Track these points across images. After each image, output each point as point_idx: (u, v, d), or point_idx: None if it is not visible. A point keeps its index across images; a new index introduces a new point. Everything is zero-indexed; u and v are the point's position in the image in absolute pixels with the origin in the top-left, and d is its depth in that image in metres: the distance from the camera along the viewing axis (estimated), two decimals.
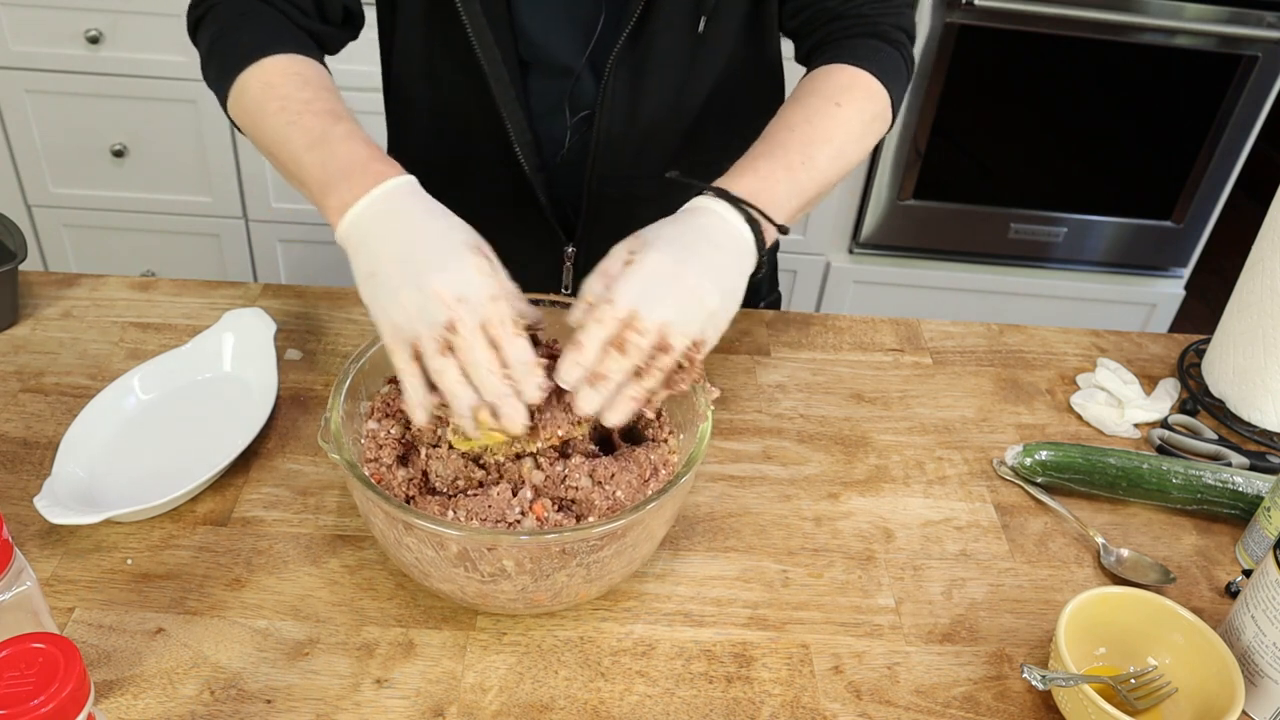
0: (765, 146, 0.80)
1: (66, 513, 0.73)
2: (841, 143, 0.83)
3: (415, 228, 0.69)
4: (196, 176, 2.03)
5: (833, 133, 0.82)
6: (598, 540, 0.65)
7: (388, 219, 0.70)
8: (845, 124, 0.84)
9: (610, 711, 0.68)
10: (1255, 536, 0.82)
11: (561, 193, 1.01)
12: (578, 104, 0.96)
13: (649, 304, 0.66)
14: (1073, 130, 2.06)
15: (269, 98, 0.79)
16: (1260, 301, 0.94)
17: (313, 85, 0.80)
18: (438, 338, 0.65)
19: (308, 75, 0.81)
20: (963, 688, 0.71)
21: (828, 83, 0.86)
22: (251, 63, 0.81)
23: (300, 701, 0.67)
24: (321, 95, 0.79)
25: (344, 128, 0.75)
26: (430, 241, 0.68)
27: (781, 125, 0.82)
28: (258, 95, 0.80)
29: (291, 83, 0.80)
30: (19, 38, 1.87)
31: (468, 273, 0.66)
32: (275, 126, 0.78)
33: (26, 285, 1.02)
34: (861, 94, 0.86)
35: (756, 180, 0.76)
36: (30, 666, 0.50)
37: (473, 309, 0.65)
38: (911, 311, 2.16)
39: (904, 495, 0.87)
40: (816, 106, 0.84)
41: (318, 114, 0.77)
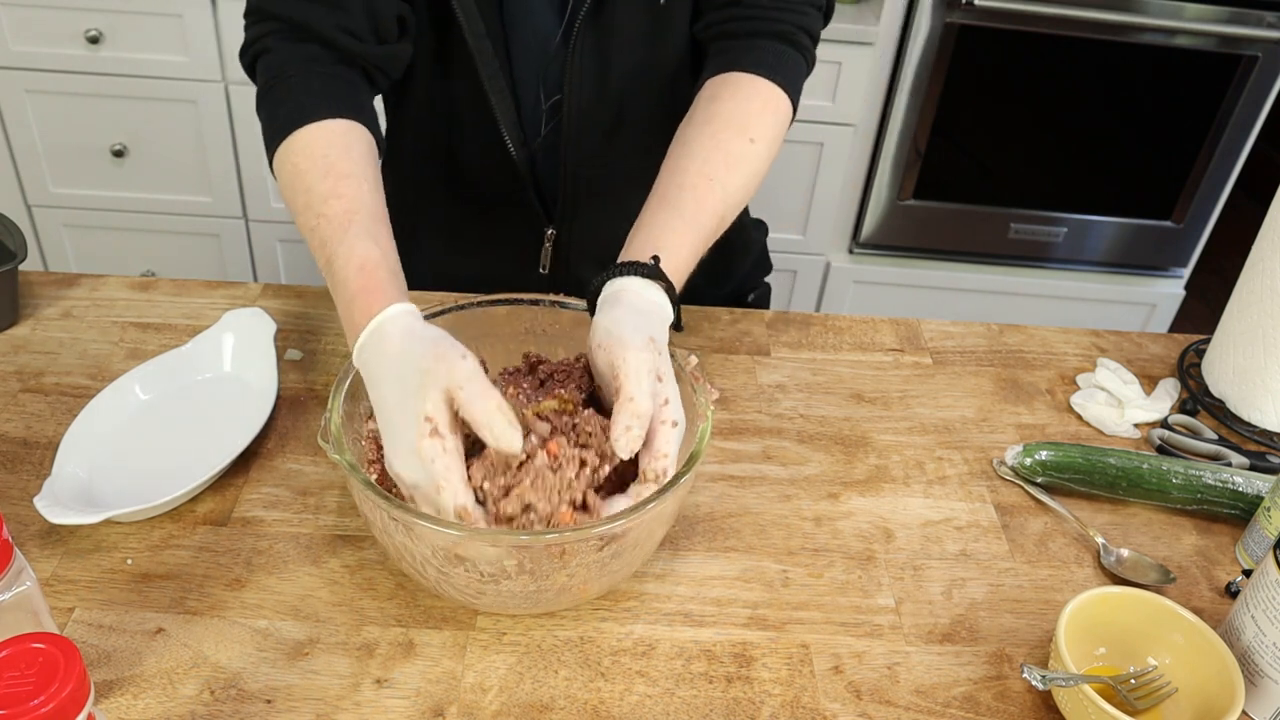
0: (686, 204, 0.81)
1: (66, 513, 0.73)
2: (753, 184, 0.86)
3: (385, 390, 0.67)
4: (196, 176, 2.03)
5: (748, 176, 0.85)
6: (598, 540, 0.65)
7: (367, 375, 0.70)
8: (758, 163, 0.86)
9: (610, 711, 0.68)
10: (1255, 536, 0.82)
11: (542, 173, 1.02)
12: (551, 86, 0.97)
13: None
14: (1073, 130, 2.06)
15: (296, 189, 0.80)
16: (1260, 301, 0.94)
17: (334, 173, 0.79)
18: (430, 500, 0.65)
19: (332, 157, 0.80)
20: (963, 688, 0.71)
21: (740, 106, 0.87)
22: (286, 136, 0.81)
23: (300, 701, 0.67)
24: (339, 187, 0.78)
25: (345, 248, 0.74)
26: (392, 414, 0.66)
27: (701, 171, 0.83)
28: (288, 183, 0.81)
29: (315, 170, 0.79)
30: (19, 38, 1.87)
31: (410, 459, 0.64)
32: (303, 227, 0.79)
33: (26, 285, 1.02)
34: (771, 119, 0.88)
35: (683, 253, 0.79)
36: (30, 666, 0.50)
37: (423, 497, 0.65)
38: (911, 311, 2.16)
39: (904, 495, 0.87)
40: (730, 143, 0.85)
41: (330, 219, 0.76)
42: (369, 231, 0.75)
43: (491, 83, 0.93)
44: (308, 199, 0.79)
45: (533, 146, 1.00)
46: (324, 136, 0.81)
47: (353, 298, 0.72)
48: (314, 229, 0.77)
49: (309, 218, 0.78)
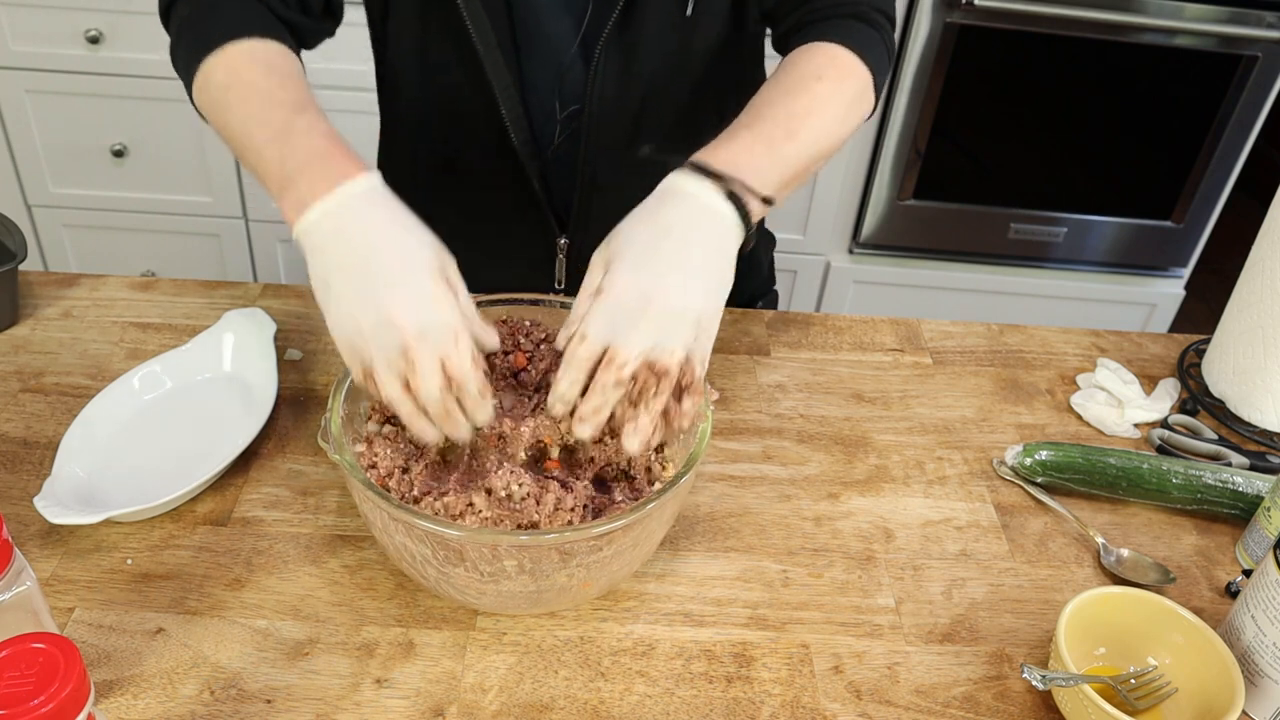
0: (745, 119, 0.77)
1: (66, 513, 0.73)
2: (823, 118, 0.80)
3: (375, 239, 0.66)
4: (196, 176, 2.03)
5: (813, 107, 0.79)
6: (597, 540, 0.65)
7: (347, 225, 0.66)
8: (826, 100, 0.81)
9: (610, 711, 0.68)
10: (1255, 536, 0.82)
11: (555, 182, 1.01)
12: (567, 98, 0.96)
13: (623, 336, 0.65)
14: (1073, 130, 2.06)
15: (232, 85, 0.76)
16: (1260, 301, 0.94)
17: (279, 72, 0.77)
18: (393, 366, 0.64)
19: (274, 62, 0.78)
20: (963, 688, 0.71)
21: (806, 61, 0.84)
22: (217, 48, 0.77)
23: (300, 701, 0.67)
24: (287, 84, 0.76)
25: (306, 119, 0.72)
26: (393, 260, 0.65)
27: (761, 101, 0.80)
28: (222, 82, 0.77)
29: (256, 70, 0.76)
30: (19, 38, 1.87)
31: (427, 302, 0.64)
32: (238, 118, 0.74)
33: (26, 285, 1.02)
34: (843, 70, 0.84)
35: (736, 151, 0.73)
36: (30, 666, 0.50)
37: (432, 346, 0.64)
38: (911, 311, 2.16)
39: (904, 495, 0.87)
40: (795, 83, 0.81)
41: (280, 104, 0.73)
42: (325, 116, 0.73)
43: (503, 92, 0.92)
44: (246, 93, 0.75)
45: (545, 156, 0.99)
46: (264, 47, 0.79)
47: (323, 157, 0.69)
48: (254, 115, 0.73)
49: (249, 107, 0.74)
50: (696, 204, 0.70)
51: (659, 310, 0.65)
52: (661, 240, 0.68)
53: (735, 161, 0.72)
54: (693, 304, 0.67)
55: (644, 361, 0.65)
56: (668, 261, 0.67)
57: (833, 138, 0.81)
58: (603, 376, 0.65)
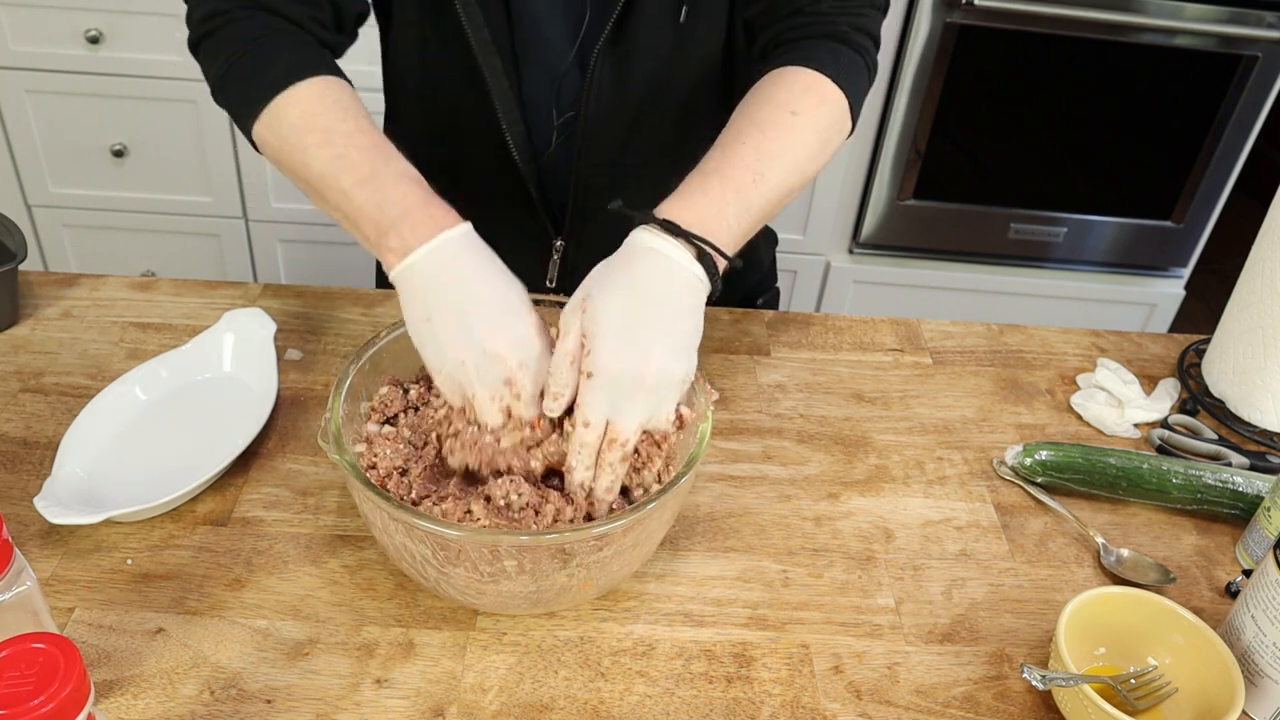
0: (715, 162, 0.77)
1: (66, 513, 0.73)
2: (796, 156, 0.80)
3: (475, 283, 0.71)
4: (196, 176, 2.03)
5: (786, 146, 0.79)
6: (597, 540, 0.65)
7: (448, 267, 0.71)
8: (801, 135, 0.81)
9: (610, 711, 0.68)
10: (1255, 536, 0.82)
11: (550, 186, 1.01)
12: (564, 103, 0.96)
13: (622, 415, 0.69)
14: (1073, 130, 2.06)
15: (310, 129, 0.77)
16: (1260, 301, 0.94)
17: (353, 116, 0.78)
18: (497, 395, 0.69)
19: (346, 104, 0.79)
20: (963, 688, 0.71)
21: (782, 89, 0.83)
22: (286, 88, 0.78)
23: (300, 701, 0.67)
24: (364, 127, 0.77)
25: (395, 167, 0.75)
26: (495, 300, 0.71)
27: (734, 136, 0.79)
28: (298, 125, 0.78)
29: (331, 112, 0.78)
30: (19, 38, 1.87)
31: (528, 337, 0.70)
32: (320, 160, 0.76)
33: (26, 285, 1.02)
34: (817, 100, 0.83)
35: (707, 205, 0.73)
36: (30, 666, 0.50)
37: (534, 376, 0.70)
38: (911, 311, 2.16)
39: (904, 495, 0.87)
40: (770, 116, 0.81)
41: (363, 149, 0.76)
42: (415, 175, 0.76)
43: (501, 98, 0.92)
44: (328, 136, 0.76)
45: (541, 161, 0.99)
46: (330, 91, 0.80)
47: (423, 204, 0.72)
48: (340, 157, 0.75)
49: (332, 150, 0.76)
50: (669, 264, 0.71)
51: (652, 386, 0.68)
52: (642, 308, 0.69)
53: (704, 220, 0.72)
54: (678, 371, 0.70)
55: (640, 433, 0.70)
56: (651, 333, 0.69)
57: (804, 175, 0.81)
58: (609, 457, 0.69)
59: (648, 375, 0.68)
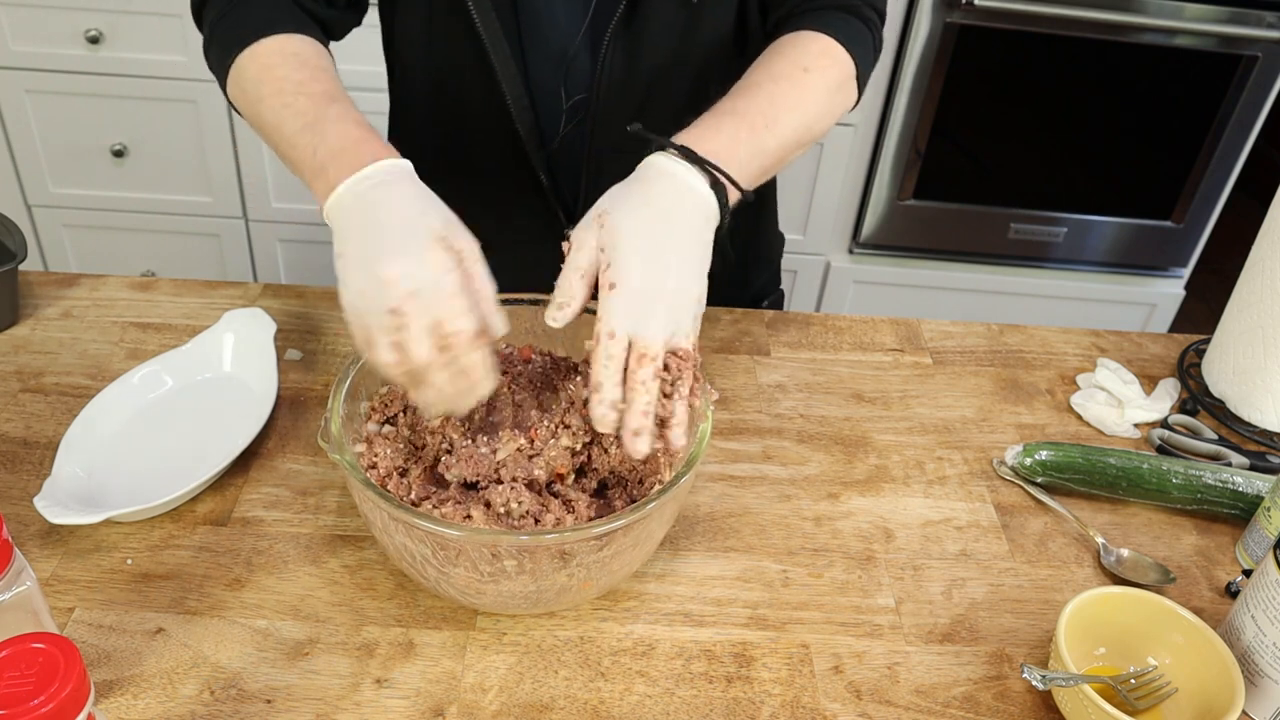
0: (730, 104, 0.79)
1: (66, 513, 0.73)
2: (806, 109, 0.82)
3: (387, 210, 0.67)
4: (196, 176, 2.03)
5: (798, 99, 0.82)
6: (597, 540, 0.65)
7: (366, 200, 0.68)
8: (812, 90, 0.83)
9: (610, 711, 0.68)
10: (1255, 536, 0.82)
11: (561, 172, 1.01)
12: (573, 87, 0.97)
13: (645, 327, 0.66)
14: (1073, 130, 2.06)
15: (265, 79, 0.78)
16: (1260, 301, 0.94)
17: (310, 66, 0.79)
18: (385, 328, 0.63)
19: (305, 55, 0.80)
20: (963, 688, 0.71)
21: (795, 48, 0.86)
22: (250, 43, 0.80)
23: (300, 701, 0.67)
24: (318, 76, 0.78)
25: (337, 109, 0.74)
26: (396, 226, 0.66)
27: (748, 85, 0.82)
28: (255, 77, 0.79)
29: (289, 64, 0.79)
30: (19, 38, 1.87)
31: (423, 263, 0.64)
32: (271, 109, 0.77)
33: (26, 285, 1.02)
34: (829, 61, 0.86)
35: (720, 139, 0.75)
36: (30, 666, 0.50)
37: (424, 306, 0.63)
38: (911, 311, 2.16)
39: (904, 495, 0.87)
40: (783, 70, 0.83)
41: (312, 95, 0.76)
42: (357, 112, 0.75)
43: (508, 82, 0.93)
44: (279, 86, 0.78)
45: (551, 146, 0.99)
46: (294, 43, 0.81)
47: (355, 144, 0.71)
48: (288, 105, 0.76)
49: (284, 99, 0.77)
50: (685, 187, 0.72)
51: (671, 301, 0.68)
52: (658, 226, 0.70)
53: (718, 150, 0.74)
54: (695, 287, 0.70)
55: (664, 348, 0.67)
56: (670, 250, 0.69)
57: (812, 130, 0.83)
58: (640, 373, 0.66)
59: (667, 289, 0.67)
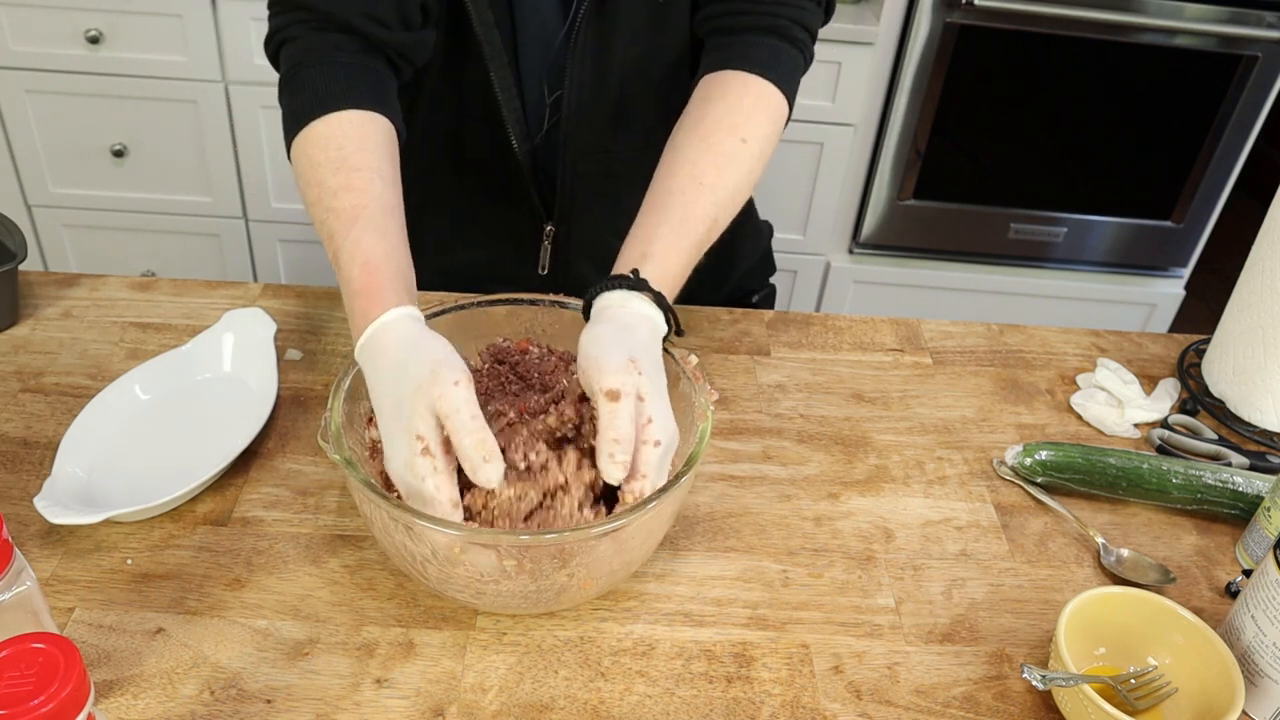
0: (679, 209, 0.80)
1: (66, 513, 0.73)
2: (746, 186, 0.85)
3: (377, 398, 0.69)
4: (196, 176, 2.03)
5: (740, 178, 0.83)
6: (597, 540, 0.65)
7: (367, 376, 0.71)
8: (750, 163, 0.84)
9: (610, 711, 0.68)
10: (1255, 536, 0.82)
11: (543, 167, 1.02)
12: (554, 82, 0.97)
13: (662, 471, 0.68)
14: (1073, 130, 2.06)
15: (309, 182, 0.80)
16: (1260, 301, 0.94)
17: (347, 166, 0.78)
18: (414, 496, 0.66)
19: (346, 150, 0.79)
20: (963, 688, 0.71)
21: (734, 105, 0.86)
22: (303, 126, 0.81)
23: (300, 701, 0.67)
24: (351, 180, 0.77)
25: (350, 242, 0.74)
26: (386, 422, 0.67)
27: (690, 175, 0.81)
28: (303, 174, 0.81)
29: (330, 162, 0.79)
30: (19, 38, 1.87)
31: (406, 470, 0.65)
32: (314, 220, 0.79)
33: (26, 285, 1.02)
34: (764, 117, 0.87)
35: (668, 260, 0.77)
36: (30, 666, 0.50)
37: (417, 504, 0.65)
38: (911, 311, 2.16)
39: (904, 495, 0.87)
40: (722, 144, 0.84)
41: (337, 213, 0.76)
42: (376, 227, 0.75)
43: (498, 75, 0.93)
44: (319, 192, 0.78)
45: (535, 141, 1.00)
46: (340, 128, 0.81)
47: (355, 296, 0.72)
48: (323, 222, 0.78)
49: (319, 211, 0.78)
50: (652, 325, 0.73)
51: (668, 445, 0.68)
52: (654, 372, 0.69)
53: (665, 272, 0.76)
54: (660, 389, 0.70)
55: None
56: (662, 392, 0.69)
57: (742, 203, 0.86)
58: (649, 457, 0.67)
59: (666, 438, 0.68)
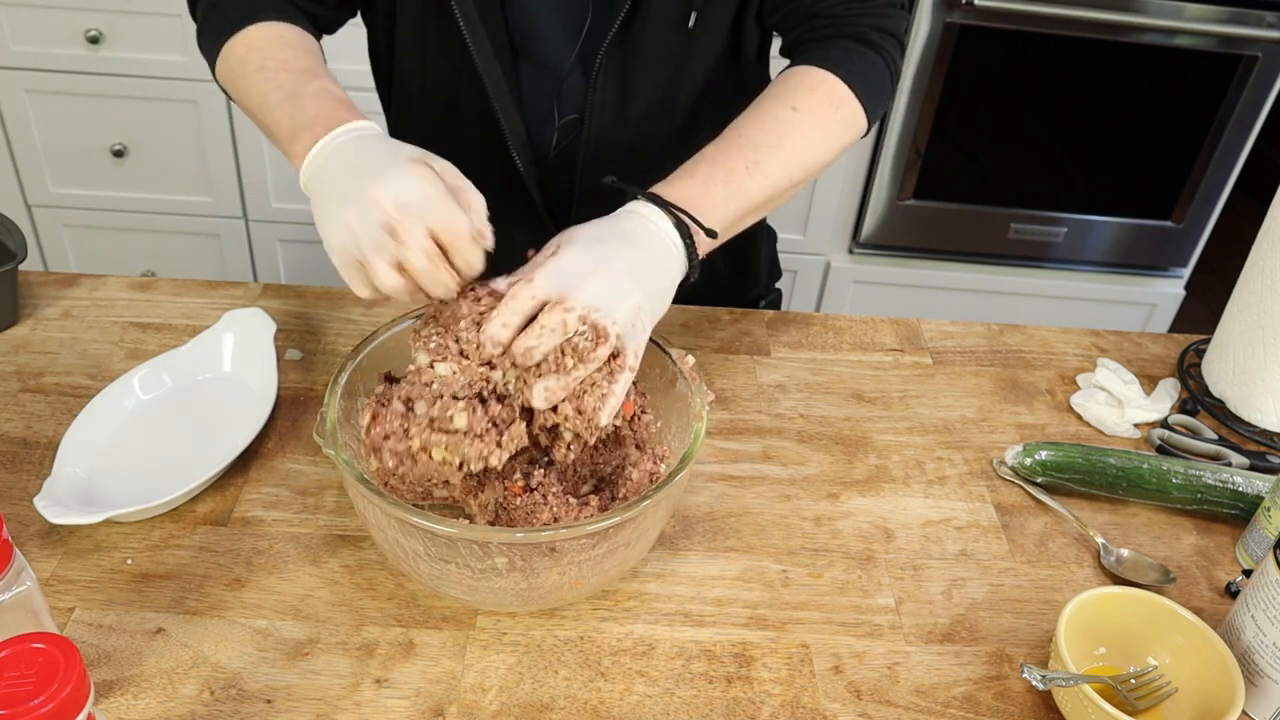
0: (711, 150, 0.80)
1: (66, 513, 0.73)
2: (795, 148, 0.81)
3: (362, 152, 0.70)
4: (196, 176, 2.03)
5: (785, 137, 0.81)
6: (589, 538, 0.65)
7: (341, 152, 0.71)
8: (799, 128, 0.82)
9: (610, 711, 0.68)
10: (1255, 536, 0.82)
11: (553, 190, 1.01)
12: (566, 106, 0.96)
13: (571, 288, 0.65)
14: (1073, 130, 2.06)
15: (250, 58, 0.82)
16: (1260, 301, 0.94)
17: (293, 46, 0.83)
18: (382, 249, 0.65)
19: (290, 38, 0.84)
20: (963, 688, 0.71)
21: (785, 86, 0.85)
22: (240, 29, 0.84)
23: (300, 701, 0.67)
24: (300, 55, 0.82)
25: (317, 84, 0.77)
26: (371, 159, 0.69)
27: (733, 130, 0.82)
28: (241, 56, 0.83)
29: (274, 44, 0.83)
30: (19, 38, 1.87)
31: (406, 180, 0.66)
32: (255, 83, 0.81)
33: (26, 285, 1.02)
34: (823, 97, 0.85)
35: (693, 185, 0.76)
36: (30, 666, 0.50)
37: (417, 215, 0.65)
38: (911, 311, 2.16)
39: (904, 495, 0.87)
40: (770, 110, 0.83)
41: (293, 71, 0.80)
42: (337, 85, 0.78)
43: (500, 100, 0.93)
44: (263, 63, 0.81)
45: (543, 163, 0.99)
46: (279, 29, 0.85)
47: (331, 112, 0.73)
48: (270, 79, 0.79)
49: (265, 74, 0.80)
50: (650, 224, 0.73)
51: (606, 275, 0.67)
52: (615, 238, 0.71)
53: (688, 196, 0.74)
54: (632, 292, 0.67)
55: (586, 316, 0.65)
56: (617, 252, 0.69)
57: (805, 167, 0.82)
58: (546, 318, 0.64)
59: (603, 266, 0.67)
